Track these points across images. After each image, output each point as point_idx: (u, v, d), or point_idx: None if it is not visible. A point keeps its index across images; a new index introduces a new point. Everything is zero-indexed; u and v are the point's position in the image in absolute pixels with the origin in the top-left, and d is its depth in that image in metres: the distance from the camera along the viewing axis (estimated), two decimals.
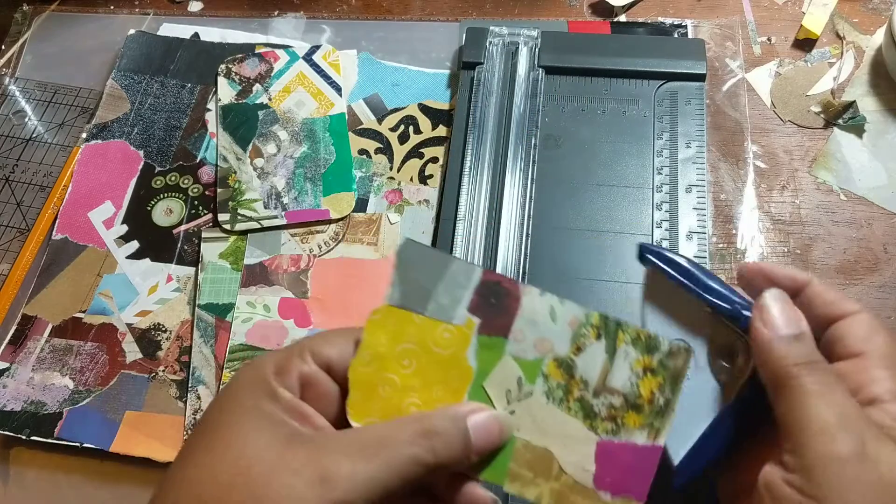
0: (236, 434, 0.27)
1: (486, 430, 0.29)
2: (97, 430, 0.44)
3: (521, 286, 0.31)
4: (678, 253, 0.32)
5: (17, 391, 0.46)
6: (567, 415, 0.31)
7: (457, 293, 0.31)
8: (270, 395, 0.28)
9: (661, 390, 0.30)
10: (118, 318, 0.48)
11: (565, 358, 0.31)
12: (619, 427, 0.30)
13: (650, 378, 0.30)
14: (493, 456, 0.30)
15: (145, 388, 0.45)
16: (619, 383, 0.31)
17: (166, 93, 0.57)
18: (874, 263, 0.46)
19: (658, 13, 0.57)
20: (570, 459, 0.30)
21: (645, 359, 0.30)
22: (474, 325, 0.31)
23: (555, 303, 0.31)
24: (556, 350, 0.31)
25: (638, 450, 0.30)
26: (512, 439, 0.31)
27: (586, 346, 0.31)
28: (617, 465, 0.30)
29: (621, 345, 0.30)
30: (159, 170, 0.54)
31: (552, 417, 0.31)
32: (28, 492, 0.44)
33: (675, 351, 0.30)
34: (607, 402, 0.31)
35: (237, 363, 0.45)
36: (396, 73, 0.56)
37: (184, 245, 0.50)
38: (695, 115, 0.50)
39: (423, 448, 0.27)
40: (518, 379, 0.31)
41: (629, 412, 0.30)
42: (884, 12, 0.55)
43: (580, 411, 0.31)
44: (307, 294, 0.47)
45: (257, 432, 0.27)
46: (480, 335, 0.31)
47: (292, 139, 0.53)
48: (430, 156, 0.52)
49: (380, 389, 0.30)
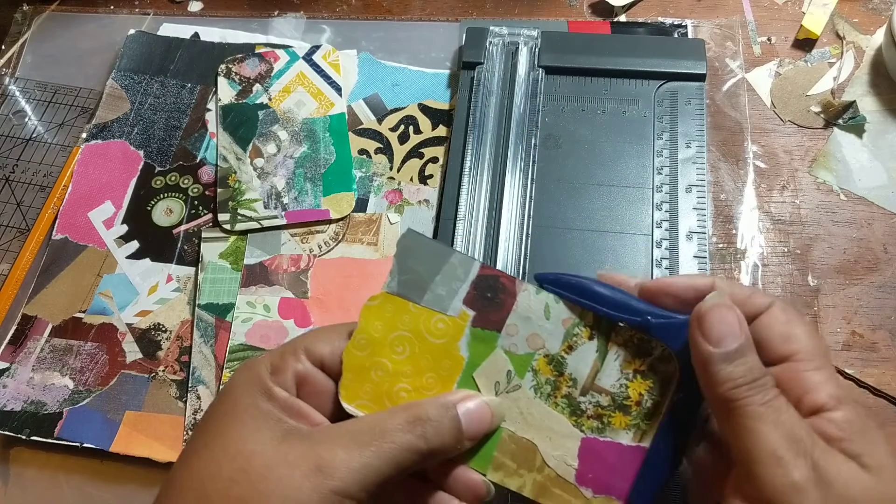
0: (236, 432, 0.28)
1: (478, 415, 0.30)
2: (97, 430, 0.44)
3: (518, 282, 0.31)
4: (574, 275, 0.31)
5: (17, 391, 0.46)
6: (553, 410, 0.31)
7: (454, 285, 0.31)
8: (267, 394, 0.29)
9: (651, 393, 0.30)
10: (118, 318, 0.48)
11: (556, 355, 0.31)
12: (604, 426, 0.31)
13: (640, 380, 0.30)
14: (480, 443, 0.31)
15: (145, 388, 0.45)
16: (608, 383, 0.31)
17: (166, 93, 0.57)
18: (874, 263, 0.46)
19: (658, 13, 0.57)
20: (553, 453, 0.31)
21: (636, 361, 0.30)
22: (468, 317, 0.31)
23: (550, 301, 0.31)
24: (548, 347, 0.31)
25: (622, 449, 0.30)
26: (499, 429, 0.31)
27: (578, 345, 0.31)
28: (600, 462, 0.30)
29: (613, 346, 0.31)
30: (159, 170, 0.54)
31: (538, 411, 0.31)
32: (28, 492, 0.44)
33: (666, 355, 0.30)
34: (595, 401, 0.31)
35: (237, 363, 0.45)
36: (396, 73, 0.56)
37: (184, 245, 0.50)
38: (695, 115, 0.50)
39: (414, 435, 0.28)
40: (508, 372, 0.31)
41: (616, 412, 0.31)
42: (884, 12, 0.55)
43: (567, 408, 0.31)
44: (307, 294, 0.47)
45: (255, 430, 0.28)
46: (474, 327, 0.31)
47: (292, 139, 0.53)
48: (430, 156, 0.52)
49: (372, 374, 0.31)
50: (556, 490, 0.30)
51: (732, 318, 0.27)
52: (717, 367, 0.27)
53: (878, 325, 0.44)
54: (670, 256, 0.45)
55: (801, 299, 0.45)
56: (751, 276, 0.46)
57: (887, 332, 0.44)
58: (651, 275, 0.44)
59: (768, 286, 0.46)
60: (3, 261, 0.51)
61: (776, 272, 0.46)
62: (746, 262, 0.46)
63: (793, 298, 0.45)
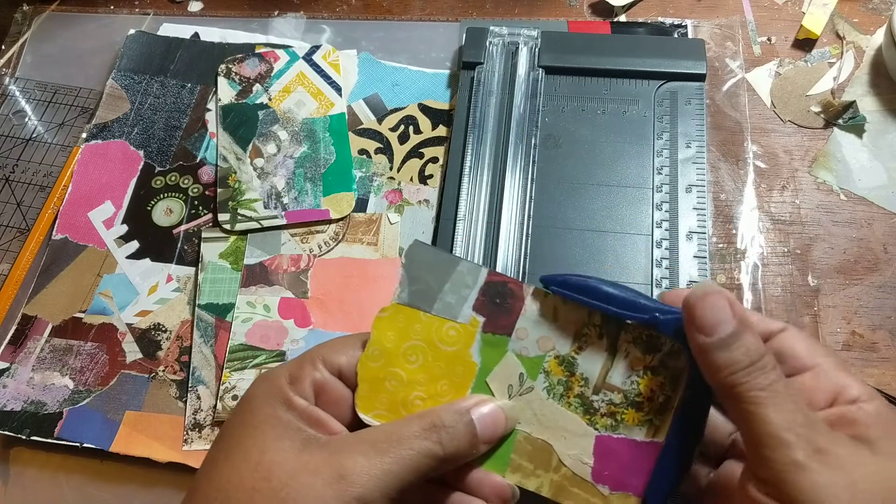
0: (257, 442, 0.28)
1: (492, 419, 0.30)
2: (97, 430, 0.44)
3: (525, 286, 0.31)
4: (581, 275, 0.31)
5: (17, 391, 0.46)
6: (567, 410, 0.31)
7: (463, 293, 0.31)
8: (286, 404, 0.29)
9: (662, 388, 0.30)
10: (118, 318, 0.48)
11: (566, 356, 0.31)
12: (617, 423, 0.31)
13: (650, 376, 0.30)
14: (496, 447, 0.31)
15: (145, 388, 0.45)
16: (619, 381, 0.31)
17: (166, 93, 0.57)
18: (874, 263, 0.46)
19: (658, 13, 0.57)
20: (569, 452, 0.31)
21: (646, 358, 0.31)
22: (479, 323, 0.31)
23: (558, 303, 0.31)
24: (558, 348, 0.31)
25: (636, 445, 0.31)
26: (514, 432, 0.31)
27: (588, 345, 0.31)
28: (615, 459, 0.31)
29: (623, 344, 0.31)
30: (159, 170, 0.54)
31: (552, 412, 0.31)
32: (28, 491, 0.44)
33: (676, 350, 0.30)
34: (607, 399, 0.31)
35: (237, 363, 0.45)
36: (396, 73, 0.56)
37: (184, 245, 0.50)
38: (695, 115, 0.50)
39: (431, 441, 0.28)
40: (520, 375, 0.31)
41: (629, 409, 0.31)
42: (884, 12, 0.55)
43: (580, 407, 0.31)
44: (307, 294, 0.47)
45: (276, 439, 0.28)
46: (485, 333, 0.31)
47: (292, 139, 0.53)
48: (430, 156, 0.52)
49: (387, 384, 0.31)
50: (574, 489, 0.30)
51: (723, 303, 0.27)
52: (714, 356, 0.27)
53: (878, 325, 0.44)
54: (670, 256, 0.45)
55: (801, 299, 0.45)
56: (751, 276, 0.46)
57: (887, 332, 0.44)
58: (651, 274, 0.44)
59: (768, 286, 0.46)
60: (3, 261, 0.51)
61: (776, 272, 0.46)
62: (746, 262, 0.46)
63: (793, 298, 0.45)
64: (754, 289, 0.45)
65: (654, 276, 0.44)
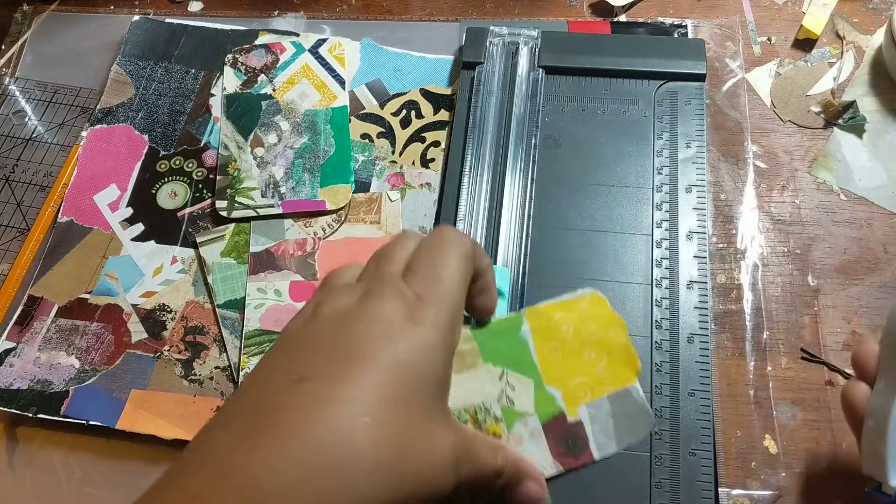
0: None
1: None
2: (103, 408, 0.45)
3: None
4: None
5: (23, 370, 0.46)
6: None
7: None
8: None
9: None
10: (123, 299, 0.49)
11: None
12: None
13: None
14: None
15: (150, 368, 0.46)
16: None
17: (170, 78, 0.57)
18: (874, 263, 0.46)
19: (658, 13, 0.57)
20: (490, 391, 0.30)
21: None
22: None
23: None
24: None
25: None
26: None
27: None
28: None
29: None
30: (164, 154, 0.54)
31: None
32: (34, 468, 0.44)
33: None
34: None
35: (254, 348, 0.46)
36: (398, 59, 0.57)
37: (188, 227, 0.51)
38: (695, 115, 0.50)
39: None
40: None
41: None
42: (884, 12, 0.55)
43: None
44: (317, 276, 0.48)
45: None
46: None
47: (293, 130, 0.54)
48: (432, 140, 0.53)
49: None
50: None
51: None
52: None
53: (879, 325, 0.44)
54: (670, 256, 0.45)
55: (801, 299, 0.45)
56: (751, 276, 0.46)
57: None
58: (651, 274, 0.44)
59: (768, 286, 0.46)
60: (2, 261, 0.51)
61: (776, 272, 0.46)
62: (746, 262, 0.46)
63: (793, 298, 0.45)
64: (754, 289, 0.45)
65: (653, 276, 0.44)
